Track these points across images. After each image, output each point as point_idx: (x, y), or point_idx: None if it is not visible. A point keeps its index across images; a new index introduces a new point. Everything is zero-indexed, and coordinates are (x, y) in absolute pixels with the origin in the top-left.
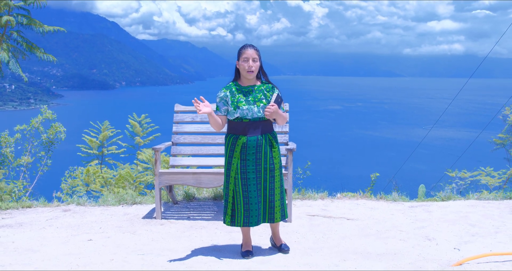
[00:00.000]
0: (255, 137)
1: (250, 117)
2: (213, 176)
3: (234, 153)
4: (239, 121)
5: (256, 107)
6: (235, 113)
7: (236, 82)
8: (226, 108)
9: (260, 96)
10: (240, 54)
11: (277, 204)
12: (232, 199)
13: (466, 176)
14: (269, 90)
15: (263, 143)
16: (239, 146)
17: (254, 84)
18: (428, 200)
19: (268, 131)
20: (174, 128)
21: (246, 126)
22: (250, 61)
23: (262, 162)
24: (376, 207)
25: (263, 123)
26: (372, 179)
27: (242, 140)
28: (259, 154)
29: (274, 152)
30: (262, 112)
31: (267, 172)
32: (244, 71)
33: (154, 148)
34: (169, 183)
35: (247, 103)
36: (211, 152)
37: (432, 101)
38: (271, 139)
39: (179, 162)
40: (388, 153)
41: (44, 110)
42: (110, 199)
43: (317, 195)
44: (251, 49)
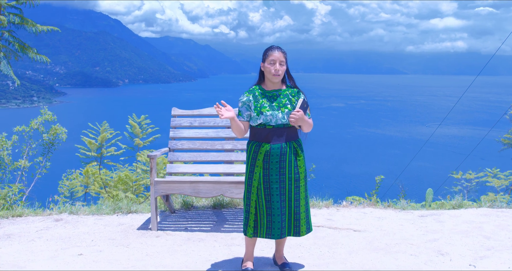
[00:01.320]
0: (279, 144)
1: (274, 124)
2: (212, 185)
3: (256, 161)
4: (262, 127)
5: (281, 113)
6: (258, 119)
7: (259, 86)
8: (249, 113)
9: (285, 102)
10: (267, 56)
11: (303, 216)
12: (254, 210)
13: (471, 177)
14: (294, 95)
15: (288, 151)
16: (262, 154)
17: (279, 89)
18: (438, 207)
19: (293, 139)
20: (171, 134)
21: (270, 133)
22: (277, 64)
23: (287, 171)
24: (384, 216)
25: (288, 130)
26: (377, 181)
27: (265, 148)
28: (283, 162)
29: (299, 161)
30: (286, 118)
31: (292, 182)
32: (270, 75)
33: (149, 155)
34: (165, 192)
35: (271, 109)
36: (210, 159)
37: (436, 98)
38: (296, 146)
39: (176, 169)
40: (391, 150)
41: (44, 111)
42: (105, 207)
43: (322, 203)
44: (278, 51)
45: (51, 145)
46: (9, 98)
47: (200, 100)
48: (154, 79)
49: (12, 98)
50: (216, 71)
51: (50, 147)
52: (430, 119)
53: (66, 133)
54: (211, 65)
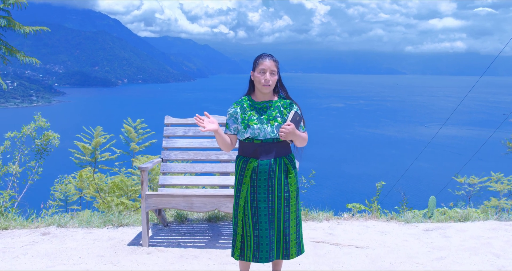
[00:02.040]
0: (267, 160)
1: (262, 138)
2: (206, 199)
3: (244, 178)
4: (250, 142)
5: (270, 126)
6: (245, 133)
7: (249, 97)
8: (236, 126)
9: (275, 114)
10: (257, 65)
11: (293, 237)
12: (241, 230)
13: (475, 181)
14: (286, 107)
15: (277, 168)
16: (249, 171)
17: (270, 100)
18: (444, 219)
19: (283, 154)
20: (164, 143)
21: (258, 148)
22: (268, 74)
23: (276, 189)
24: (387, 230)
25: (278, 145)
26: (378, 188)
27: (253, 164)
28: (272, 180)
29: (290, 178)
30: (276, 132)
31: (281, 201)
32: (260, 85)
33: (140, 167)
34: (157, 207)
35: (259, 122)
36: (205, 170)
37: (435, 99)
38: (286, 162)
39: (169, 181)
40: (390, 150)
41: (37, 117)
42: (95, 220)
43: (322, 215)
44: (269, 60)
45: (43, 151)
46: (8, 98)
47: (199, 100)
48: (153, 79)
49: (11, 98)
50: (215, 71)
51: (43, 152)
52: (429, 120)
53: (58, 139)
54: (210, 65)
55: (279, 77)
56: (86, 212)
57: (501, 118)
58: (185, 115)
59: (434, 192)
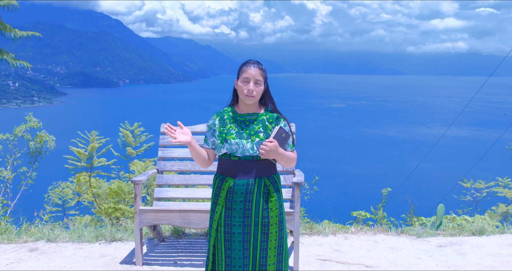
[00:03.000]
0: (244, 180)
1: (240, 155)
2: (205, 215)
3: (218, 199)
4: (227, 158)
5: (250, 142)
6: (222, 148)
7: (232, 108)
8: (214, 140)
9: (257, 129)
10: (241, 73)
11: (271, 268)
12: (212, 257)
13: (481, 186)
14: (272, 122)
15: (255, 189)
16: (225, 190)
17: (254, 113)
18: (457, 233)
19: (265, 175)
20: (160, 153)
21: (235, 166)
22: (251, 84)
23: (253, 214)
24: (398, 246)
25: (258, 164)
26: (384, 194)
27: (229, 183)
28: (249, 203)
29: (271, 202)
30: (256, 149)
31: (258, 228)
32: (242, 95)
33: (133, 180)
34: (151, 223)
35: (238, 137)
36: (204, 182)
37: (436, 99)
38: (268, 184)
39: (165, 194)
40: (391, 151)
41: (29, 118)
42: (87, 234)
43: (328, 229)
44: (255, 68)
45: (37, 154)
46: (9, 98)
47: (201, 101)
48: (155, 79)
49: (13, 98)
50: (217, 71)
51: (37, 155)
52: (431, 120)
53: (54, 141)
54: (212, 65)
55: (267, 87)
56: (84, 218)
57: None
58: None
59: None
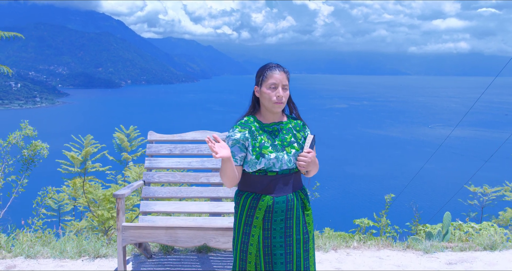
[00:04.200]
0: (284, 196)
1: (278, 169)
2: (193, 232)
3: (254, 220)
4: (261, 175)
5: (287, 154)
6: (258, 164)
7: (255, 118)
8: (243, 155)
9: (289, 139)
10: (265, 78)
11: None
12: None
13: (488, 191)
14: (299, 130)
15: (295, 205)
16: (262, 210)
17: (279, 121)
18: (468, 248)
19: (299, 188)
20: (147, 163)
21: (272, 181)
22: (280, 89)
23: (294, 231)
24: (404, 263)
25: (294, 177)
26: (387, 201)
27: (267, 202)
28: (290, 220)
29: (308, 216)
30: (293, 161)
31: (300, 246)
32: (270, 103)
33: (115, 194)
34: (135, 241)
35: (274, 150)
36: (193, 195)
37: (438, 100)
38: (303, 197)
39: (152, 208)
40: (393, 151)
41: (24, 125)
42: (69, 249)
43: (328, 243)
44: (280, 71)
45: (30, 161)
46: (12, 99)
47: (203, 101)
48: (157, 80)
49: (15, 99)
50: (219, 72)
51: (30, 163)
52: (433, 121)
53: (47, 149)
54: (214, 66)
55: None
56: (81, 223)
57: (504, 119)
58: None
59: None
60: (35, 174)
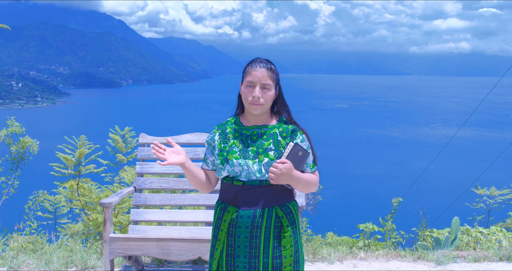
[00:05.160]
0: (250, 211)
1: (245, 179)
2: (187, 245)
3: (219, 233)
4: (229, 183)
5: (257, 163)
6: (223, 170)
7: (237, 118)
8: (214, 159)
9: (267, 145)
10: (245, 75)
11: None
12: None
13: (495, 194)
14: (286, 136)
15: (263, 223)
16: (227, 223)
17: (264, 125)
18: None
19: (277, 203)
20: (138, 168)
21: (240, 192)
22: (257, 89)
23: (261, 253)
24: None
25: (268, 190)
26: (394, 205)
27: (231, 214)
28: (256, 240)
29: (285, 239)
30: (265, 172)
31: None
32: (246, 103)
33: (102, 203)
34: (124, 254)
35: (242, 156)
36: (188, 202)
37: (439, 100)
38: (281, 216)
39: (143, 217)
40: (395, 151)
41: (10, 122)
42: (56, 260)
43: (333, 254)
44: (262, 68)
45: (20, 160)
46: (13, 98)
47: (204, 101)
48: (158, 80)
49: (16, 98)
50: (220, 72)
51: (20, 161)
52: (434, 121)
53: (38, 146)
54: (215, 66)
55: (280, 93)
56: (77, 225)
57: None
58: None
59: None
60: (30, 175)
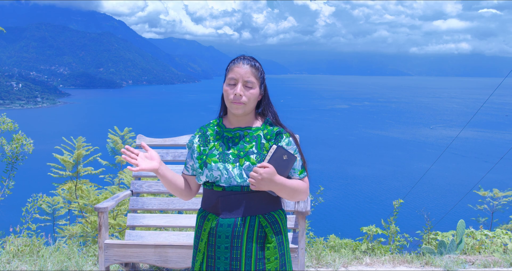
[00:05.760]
0: (231, 219)
1: (225, 184)
2: (186, 251)
3: (199, 243)
4: (209, 189)
5: (237, 167)
6: (202, 175)
7: (220, 120)
8: (194, 163)
9: (249, 148)
10: (227, 72)
11: None
12: None
13: (498, 195)
14: (270, 138)
15: (245, 233)
16: (206, 232)
17: (248, 126)
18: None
19: (260, 212)
20: None
21: (220, 198)
22: (239, 86)
23: (242, 265)
24: None
25: (250, 197)
26: (395, 207)
27: (211, 222)
28: (237, 250)
29: (268, 250)
30: (246, 177)
31: None
32: (228, 102)
33: (97, 207)
34: (119, 261)
35: (222, 159)
36: (187, 207)
37: (440, 100)
38: (264, 225)
39: (140, 221)
40: (395, 152)
41: (2, 119)
42: (50, 266)
43: (338, 260)
44: (244, 64)
45: (15, 159)
46: (13, 99)
47: (204, 102)
48: (158, 80)
49: (16, 99)
50: (220, 72)
51: (15, 161)
52: (434, 121)
53: (32, 145)
54: (215, 66)
55: (265, 92)
56: (75, 227)
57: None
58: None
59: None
60: (29, 176)
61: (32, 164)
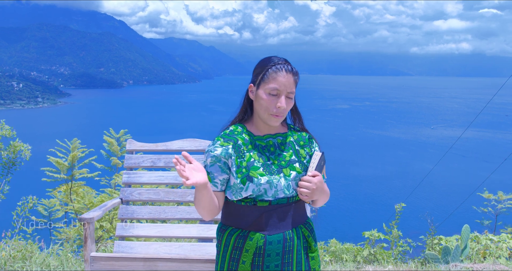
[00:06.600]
0: (280, 234)
1: (272, 198)
2: (177, 265)
3: (240, 266)
4: (249, 205)
5: (285, 178)
6: (244, 191)
7: (244, 127)
8: (226, 178)
9: (289, 157)
10: (266, 78)
11: None
12: None
13: (502, 198)
14: (304, 145)
15: (295, 245)
16: (250, 253)
17: (277, 133)
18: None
19: (302, 222)
20: (125, 178)
21: (265, 214)
22: (283, 99)
23: None
24: None
25: (294, 208)
26: (397, 210)
27: (256, 241)
28: (288, 266)
29: (313, 260)
30: (293, 188)
31: None
32: (266, 113)
33: (81, 218)
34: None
35: (267, 172)
36: (179, 216)
37: (441, 100)
38: (307, 235)
39: (130, 232)
40: (397, 152)
41: (0, 125)
42: None
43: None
44: (288, 73)
45: (11, 165)
46: (14, 99)
47: (204, 102)
48: (158, 80)
49: (16, 99)
50: (221, 72)
51: (11, 167)
52: (435, 121)
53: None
54: (216, 66)
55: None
56: (72, 230)
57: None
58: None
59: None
60: (24, 180)
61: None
